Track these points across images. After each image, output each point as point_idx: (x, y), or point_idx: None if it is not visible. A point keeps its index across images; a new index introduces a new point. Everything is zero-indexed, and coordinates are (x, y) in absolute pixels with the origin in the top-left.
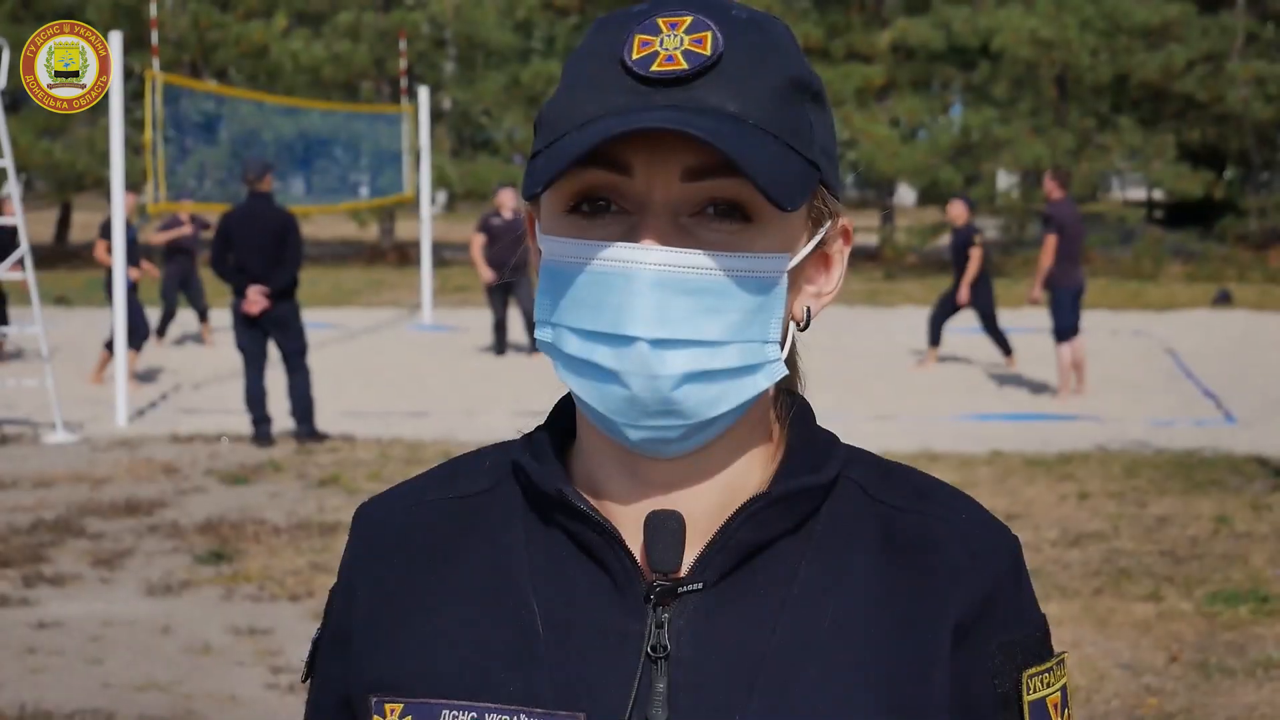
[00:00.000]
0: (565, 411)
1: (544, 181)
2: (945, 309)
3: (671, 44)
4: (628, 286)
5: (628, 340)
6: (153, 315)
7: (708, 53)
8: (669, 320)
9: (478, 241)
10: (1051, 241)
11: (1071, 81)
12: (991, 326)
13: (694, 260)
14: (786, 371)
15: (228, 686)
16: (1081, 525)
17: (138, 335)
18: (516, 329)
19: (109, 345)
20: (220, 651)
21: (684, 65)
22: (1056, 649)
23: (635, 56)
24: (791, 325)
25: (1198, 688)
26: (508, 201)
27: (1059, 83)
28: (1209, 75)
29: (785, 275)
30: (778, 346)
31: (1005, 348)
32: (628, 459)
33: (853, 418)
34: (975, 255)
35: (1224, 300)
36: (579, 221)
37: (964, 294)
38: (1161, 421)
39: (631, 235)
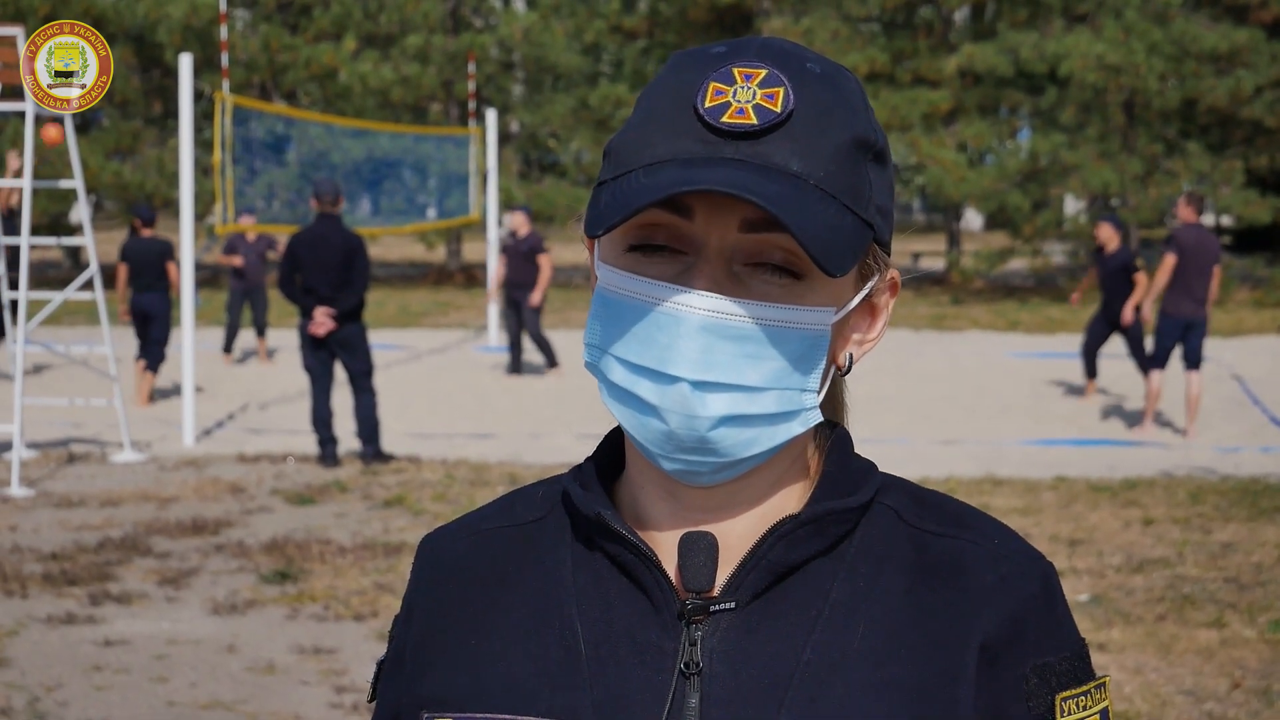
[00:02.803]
0: (615, 441)
1: (608, 225)
2: (1099, 335)
3: (744, 96)
4: (676, 328)
5: (671, 379)
6: (213, 335)
7: (778, 109)
8: (713, 364)
9: (500, 263)
10: (1169, 261)
11: (1139, 107)
12: (1137, 350)
13: (742, 309)
14: (821, 419)
15: (292, 706)
16: (1146, 551)
17: (155, 359)
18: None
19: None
20: (285, 671)
21: (754, 120)
22: (1115, 675)
23: (708, 105)
24: (833, 370)
25: (1260, 714)
26: (519, 224)
27: (1127, 108)
28: (1277, 101)
29: (829, 328)
30: (815, 395)
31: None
32: (669, 484)
33: (918, 441)
34: (1141, 279)
35: None
36: (636, 255)
37: (1128, 314)
38: (1227, 448)
39: (685, 277)
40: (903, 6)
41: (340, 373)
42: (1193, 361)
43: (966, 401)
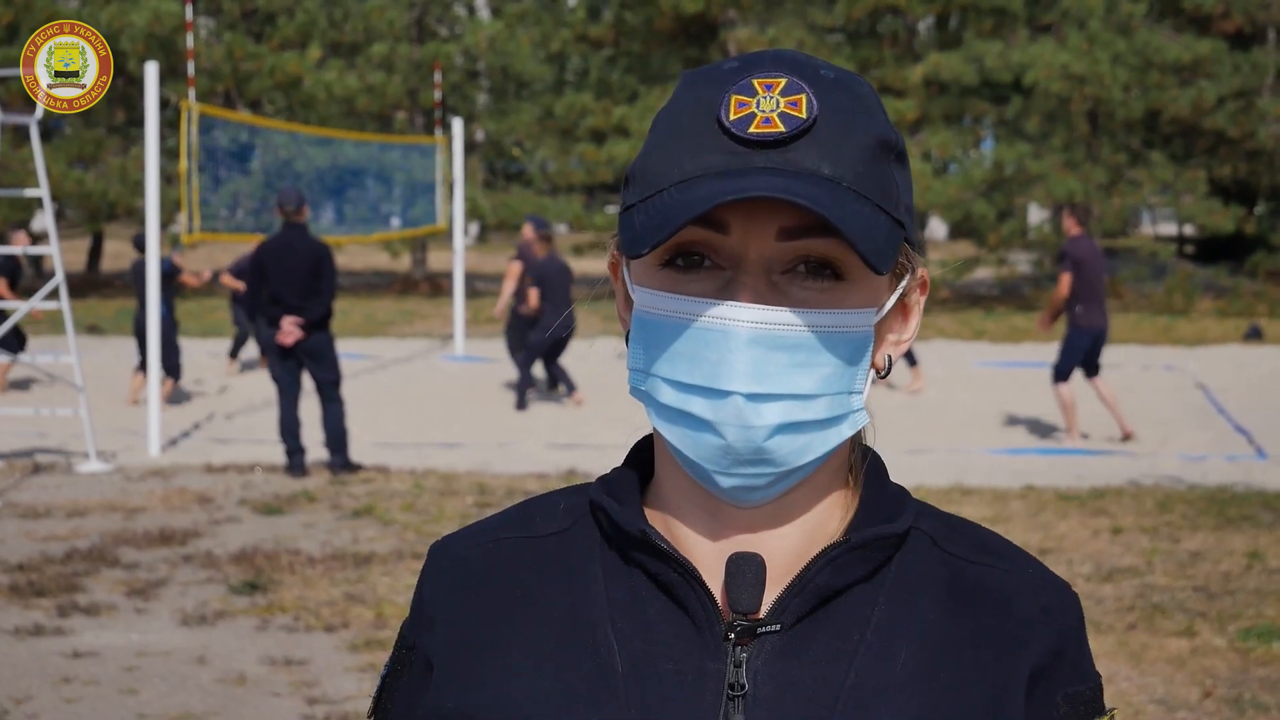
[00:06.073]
0: (641, 453)
1: (653, 244)
2: None
3: (768, 106)
4: (725, 343)
5: (724, 394)
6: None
7: (803, 115)
8: (765, 376)
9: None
10: (1065, 279)
11: (1103, 116)
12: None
13: (788, 318)
14: (869, 420)
15: (263, 717)
16: (1115, 560)
17: (172, 364)
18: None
19: (142, 366)
20: (255, 682)
21: (781, 128)
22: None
23: (733, 117)
24: (871, 373)
25: None
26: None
27: (1091, 118)
28: (1240, 111)
29: (872, 329)
30: (861, 397)
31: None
32: (710, 502)
33: (886, 452)
34: None
35: (1255, 336)
36: (673, 275)
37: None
38: (1194, 457)
39: (726, 291)
40: (867, 16)
41: (308, 382)
42: (1093, 370)
43: (934, 411)
